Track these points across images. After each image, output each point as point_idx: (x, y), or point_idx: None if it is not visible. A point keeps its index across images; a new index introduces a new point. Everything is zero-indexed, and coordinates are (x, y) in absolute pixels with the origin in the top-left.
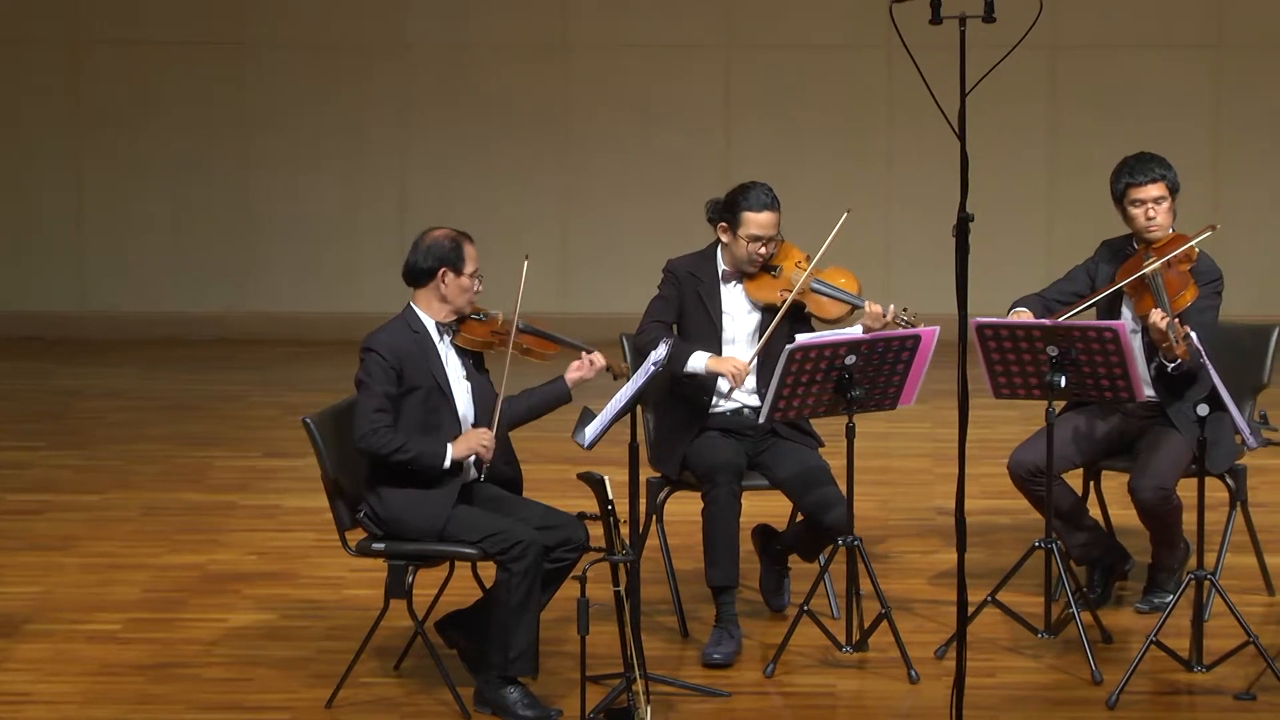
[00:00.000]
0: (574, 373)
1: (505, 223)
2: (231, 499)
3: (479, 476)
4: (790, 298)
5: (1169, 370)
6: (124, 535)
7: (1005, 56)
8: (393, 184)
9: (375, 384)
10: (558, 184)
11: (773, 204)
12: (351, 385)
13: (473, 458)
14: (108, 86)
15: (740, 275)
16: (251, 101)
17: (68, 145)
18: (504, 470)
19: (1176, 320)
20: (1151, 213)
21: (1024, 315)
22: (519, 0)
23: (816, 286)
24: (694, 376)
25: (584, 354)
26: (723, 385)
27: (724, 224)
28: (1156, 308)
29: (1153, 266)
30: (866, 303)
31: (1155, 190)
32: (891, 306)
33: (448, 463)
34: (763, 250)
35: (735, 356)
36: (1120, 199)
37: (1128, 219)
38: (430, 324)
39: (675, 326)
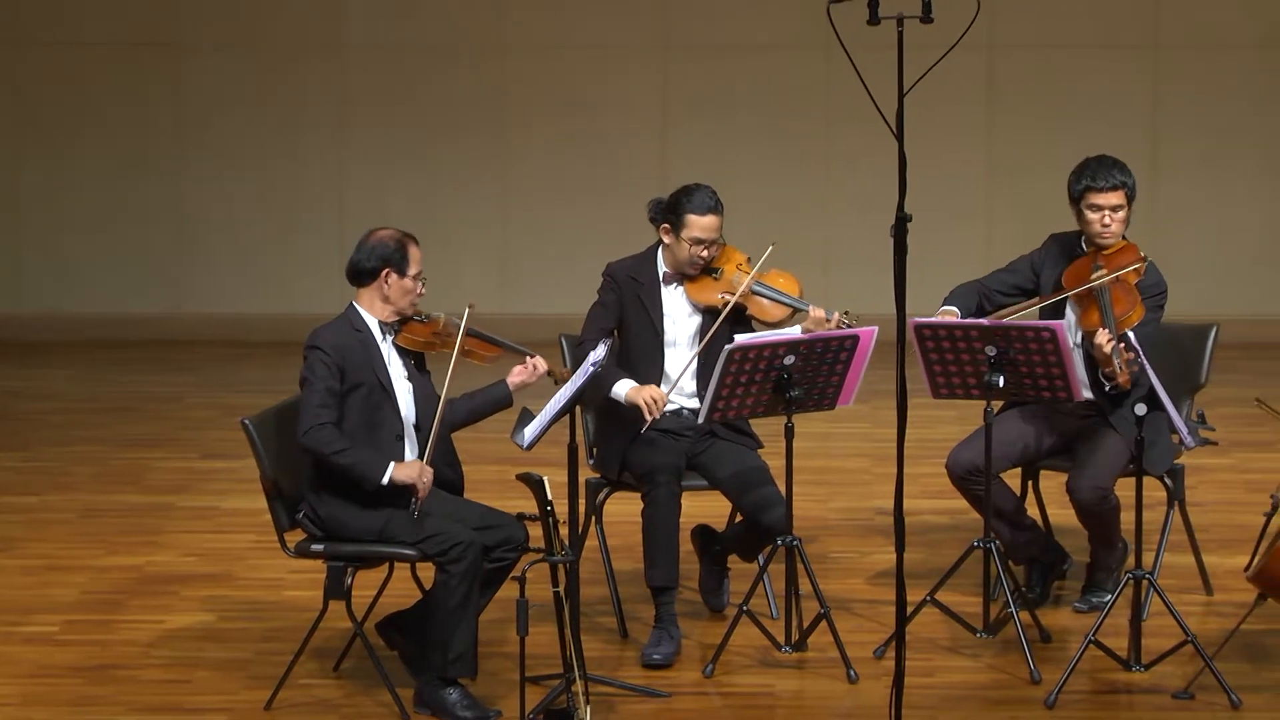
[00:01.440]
0: (516, 377)
1: (443, 223)
2: (170, 500)
3: (412, 508)
4: (733, 301)
5: (1105, 389)
6: (62, 537)
7: (943, 57)
8: (330, 185)
9: (318, 380)
10: (496, 185)
11: (716, 207)
12: (290, 386)
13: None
14: (44, 88)
15: (681, 277)
16: (188, 102)
17: (3, 147)
18: (445, 472)
19: (1122, 346)
20: (1108, 220)
21: (950, 314)
22: (456, 2)
23: (758, 289)
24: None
25: (527, 358)
26: (670, 374)
27: (666, 225)
28: (1102, 327)
29: (1101, 280)
30: (810, 306)
31: (1115, 198)
32: (836, 314)
33: (386, 479)
34: (705, 253)
35: (653, 386)
36: (1078, 200)
37: (1082, 221)
38: (373, 323)
39: (616, 331)
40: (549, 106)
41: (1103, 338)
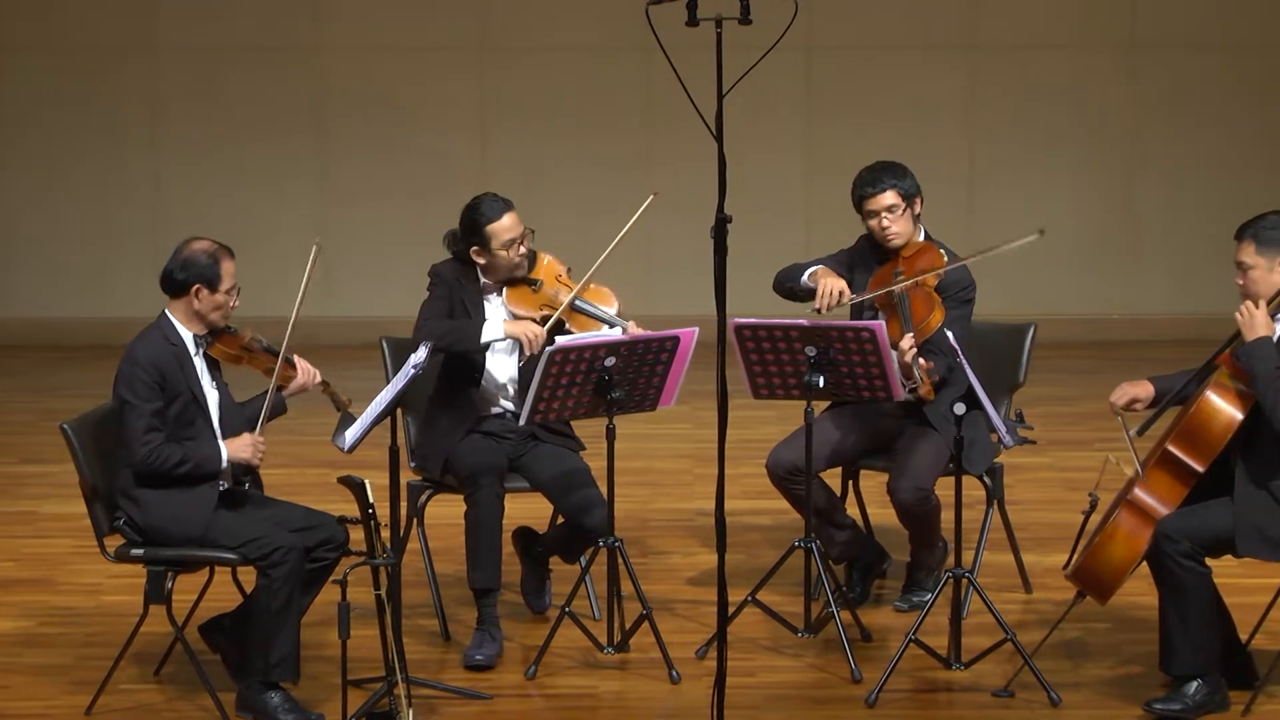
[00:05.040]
0: (292, 384)
1: (260, 225)
2: None
3: (244, 484)
4: (554, 318)
5: (904, 392)
6: None
7: (762, 58)
8: (145, 187)
9: (142, 403)
10: (313, 186)
11: (506, 203)
12: (108, 390)
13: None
14: None
15: (501, 287)
16: (2, 105)
17: None
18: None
19: (921, 360)
20: (885, 221)
21: (827, 271)
22: (271, 2)
23: (578, 305)
24: (489, 346)
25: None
26: (495, 376)
27: (474, 247)
28: (906, 333)
29: (900, 287)
30: (629, 324)
31: (887, 199)
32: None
33: (225, 462)
34: (521, 249)
35: (529, 321)
36: (858, 209)
37: (868, 230)
38: (188, 336)
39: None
40: (366, 108)
41: (905, 344)
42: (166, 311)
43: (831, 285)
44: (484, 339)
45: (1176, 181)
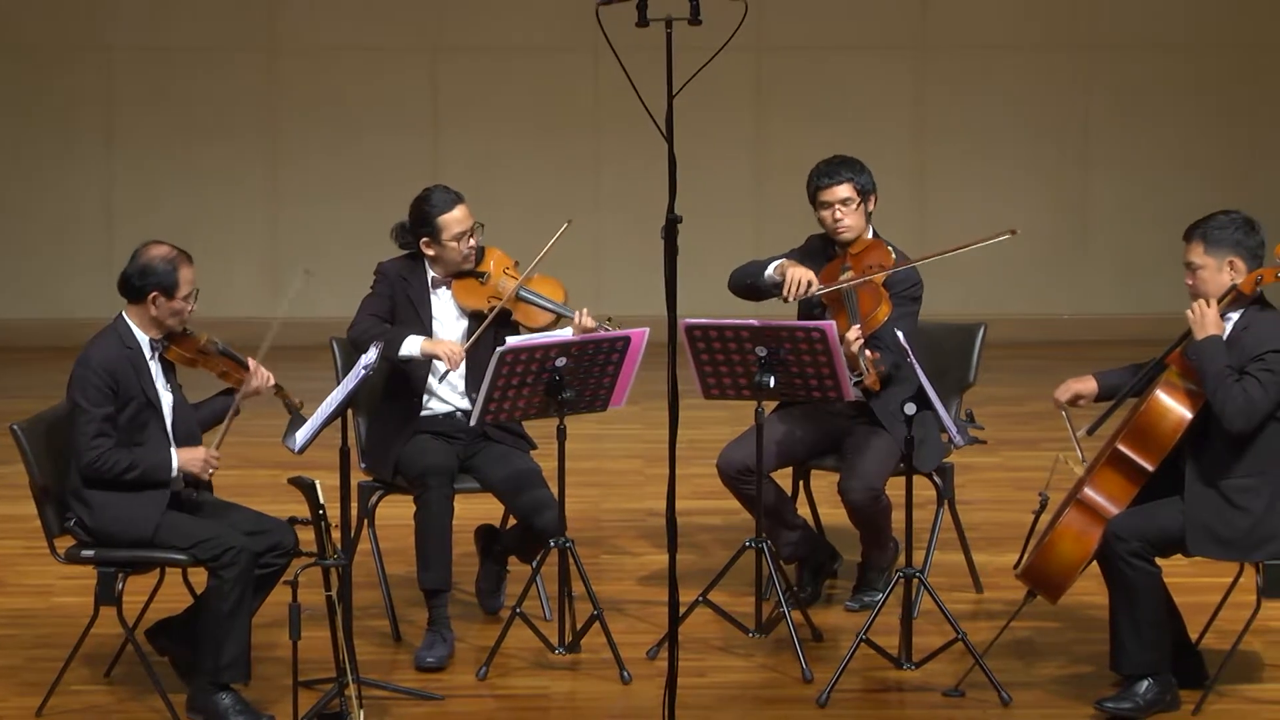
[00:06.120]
0: (246, 388)
1: (212, 225)
2: None
3: (195, 494)
4: (498, 307)
5: (851, 388)
6: None
7: (712, 58)
8: (98, 187)
9: (93, 407)
10: (265, 186)
11: (458, 197)
12: (61, 392)
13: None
14: None
15: (449, 281)
16: None
17: None
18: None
19: (868, 352)
20: (839, 214)
21: (791, 262)
22: (223, 3)
23: (524, 295)
24: (410, 360)
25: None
26: (439, 366)
27: (424, 239)
28: (853, 325)
29: (848, 283)
30: (574, 313)
31: (843, 191)
32: (591, 319)
33: (175, 470)
34: (472, 241)
35: (447, 341)
36: (814, 201)
37: (821, 221)
38: (144, 340)
39: (390, 325)
40: (318, 108)
41: (852, 335)
42: (123, 314)
43: (800, 275)
44: (401, 353)
45: (1126, 182)
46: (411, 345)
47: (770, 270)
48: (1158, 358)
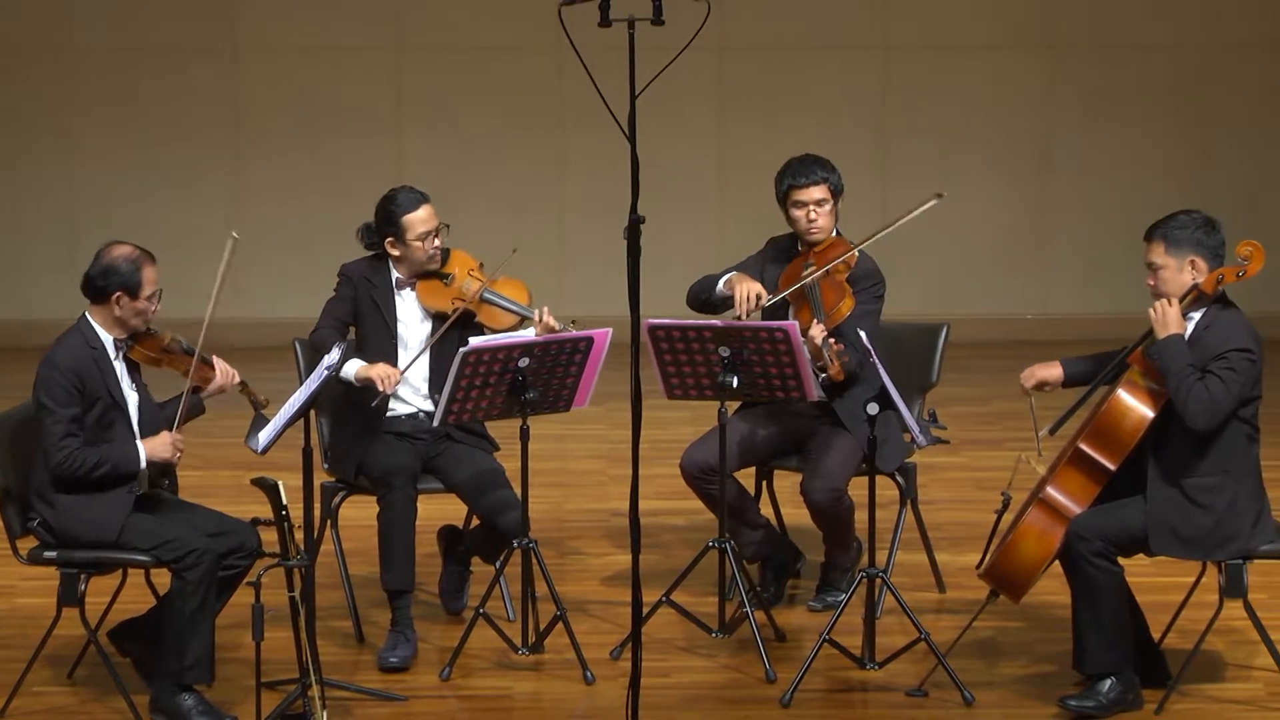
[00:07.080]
0: (211, 385)
1: (174, 225)
2: None
3: (164, 484)
4: (461, 308)
5: (815, 388)
6: None
7: (675, 59)
8: (60, 188)
9: (60, 408)
10: (227, 187)
11: (423, 197)
12: (24, 392)
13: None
14: None
15: (413, 282)
16: None
17: None
18: (159, 479)
19: (831, 340)
20: (813, 215)
21: (741, 277)
22: (186, 3)
23: (487, 296)
24: (349, 384)
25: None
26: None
27: (389, 239)
28: (816, 320)
29: (811, 278)
30: (537, 311)
31: (817, 193)
32: (552, 319)
33: (143, 463)
34: (437, 241)
35: (380, 364)
36: (783, 200)
37: (790, 220)
38: (108, 340)
39: (353, 329)
40: (280, 108)
41: (815, 329)
42: (87, 314)
43: (748, 290)
44: (341, 375)
45: (1088, 182)
46: (348, 370)
47: (720, 286)
48: (1119, 356)
